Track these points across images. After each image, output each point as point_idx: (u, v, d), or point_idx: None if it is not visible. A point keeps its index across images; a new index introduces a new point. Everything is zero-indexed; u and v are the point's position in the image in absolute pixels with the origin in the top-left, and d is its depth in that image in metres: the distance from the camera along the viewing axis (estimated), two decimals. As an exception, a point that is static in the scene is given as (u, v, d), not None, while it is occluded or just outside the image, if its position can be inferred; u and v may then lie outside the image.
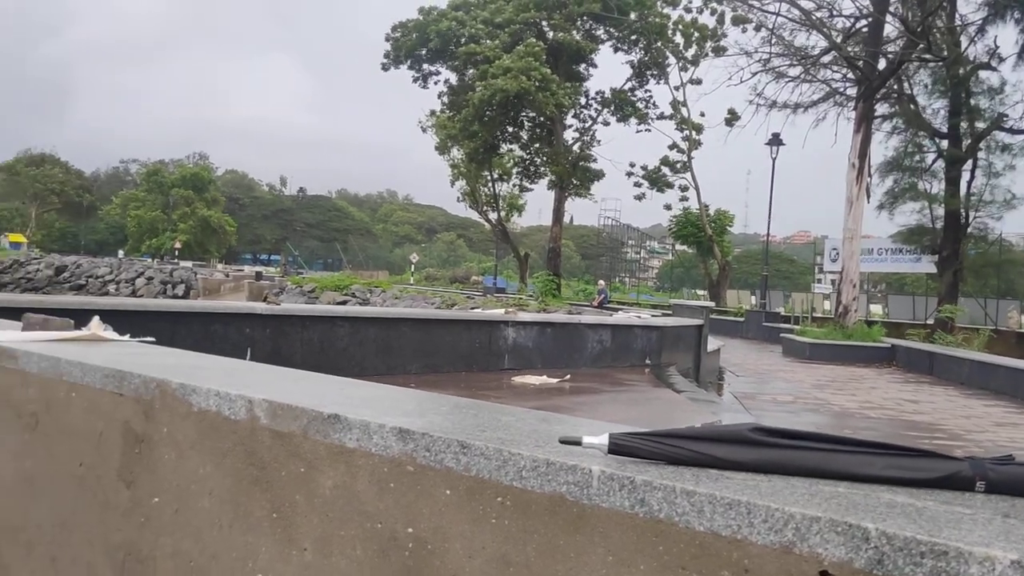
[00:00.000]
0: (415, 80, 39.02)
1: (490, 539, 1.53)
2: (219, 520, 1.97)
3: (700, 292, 50.19)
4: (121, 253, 71.52)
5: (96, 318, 3.06)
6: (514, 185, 44.66)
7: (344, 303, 29.79)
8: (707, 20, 35.96)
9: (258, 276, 42.26)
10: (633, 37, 37.17)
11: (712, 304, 20.66)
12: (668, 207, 41.43)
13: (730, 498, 1.25)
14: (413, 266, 51.11)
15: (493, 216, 46.16)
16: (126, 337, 3.12)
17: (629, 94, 38.77)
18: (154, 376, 2.14)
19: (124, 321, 4.05)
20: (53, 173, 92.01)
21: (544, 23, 36.47)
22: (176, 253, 71.43)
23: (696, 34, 36.19)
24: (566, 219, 44.36)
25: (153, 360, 2.47)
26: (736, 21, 30.37)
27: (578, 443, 1.51)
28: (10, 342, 2.63)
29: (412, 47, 36.80)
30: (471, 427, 1.72)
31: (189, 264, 58.49)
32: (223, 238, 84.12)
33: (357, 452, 1.73)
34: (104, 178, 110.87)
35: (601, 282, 36.33)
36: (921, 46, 21.28)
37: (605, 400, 7.80)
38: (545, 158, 38.99)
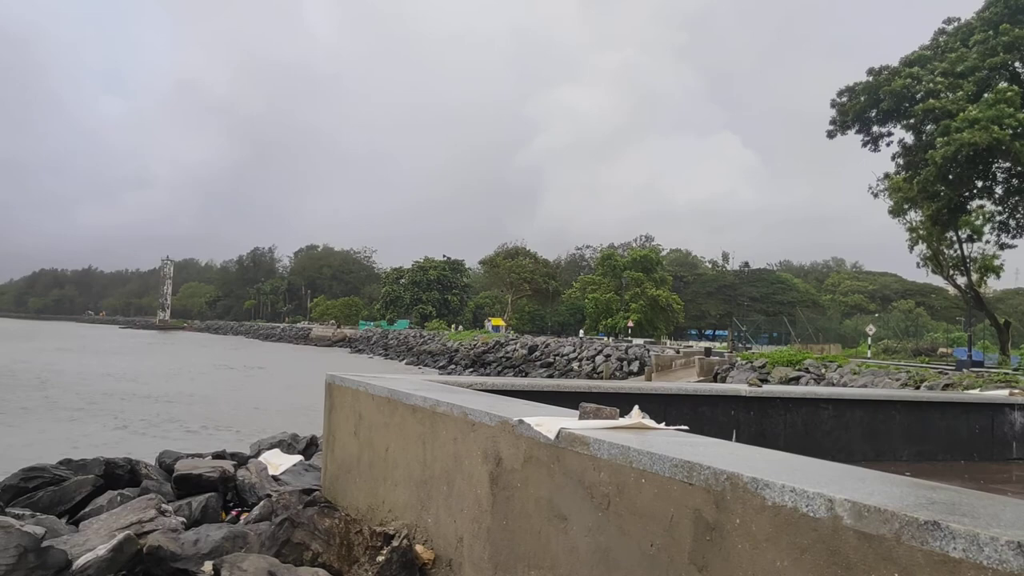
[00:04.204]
0: (864, 144, 37.09)
1: None
2: (800, 614, 2.04)
3: None
4: (581, 332, 78.07)
5: (636, 407, 3.39)
6: (987, 243, 39.83)
7: (797, 379, 28.90)
8: None
9: (707, 352, 42.89)
10: None
11: None
12: None
13: None
14: (869, 338, 47.69)
15: (962, 280, 41.46)
16: (662, 425, 3.40)
17: None
18: (724, 469, 2.31)
19: (625, 402, 4.42)
20: (524, 263, 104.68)
21: (1018, 64, 32.48)
22: (629, 331, 75.87)
23: None
24: (1058, 279, 38.11)
25: (713, 451, 2.66)
26: None
27: None
28: (580, 430, 3.03)
29: (861, 110, 35.16)
30: (1102, 547, 1.57)
31: (641, 341, 61.61)
32: (671, 316, 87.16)
33: (964, 563, 1.67)
34: (564, 264, 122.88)
35: (1115, 352, 30.39)
36: None
37: None
38: (1028, 211, 34.26)
